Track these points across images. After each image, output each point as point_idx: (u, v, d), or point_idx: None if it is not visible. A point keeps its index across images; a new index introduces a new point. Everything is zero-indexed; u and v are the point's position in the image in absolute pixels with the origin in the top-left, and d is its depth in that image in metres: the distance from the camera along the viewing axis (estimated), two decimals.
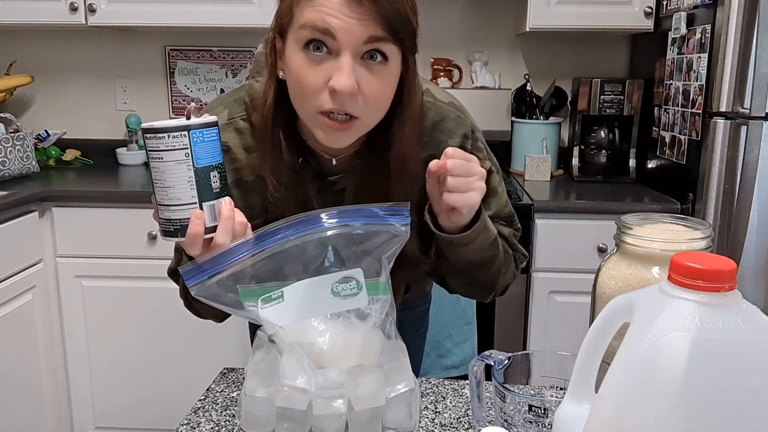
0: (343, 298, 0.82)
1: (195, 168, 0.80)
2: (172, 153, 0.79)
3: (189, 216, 0.81)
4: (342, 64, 0.81)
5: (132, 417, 2.27)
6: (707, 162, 1.87)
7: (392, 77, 0.87)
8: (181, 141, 0.79)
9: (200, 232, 0.81)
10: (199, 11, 2.29)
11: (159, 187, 0.81)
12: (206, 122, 0.81)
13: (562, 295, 2.09)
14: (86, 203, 2.13)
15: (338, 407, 0.78)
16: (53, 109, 2.77)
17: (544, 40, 2.60)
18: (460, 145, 0.99)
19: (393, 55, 0.85)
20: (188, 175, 0.80)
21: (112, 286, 2.18)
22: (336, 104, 0.83)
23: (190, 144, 0.79)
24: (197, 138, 0.80)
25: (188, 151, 0.79)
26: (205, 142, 0.80)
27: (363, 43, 0.81)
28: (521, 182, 2.35)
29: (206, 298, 0.80)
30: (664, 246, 0.78)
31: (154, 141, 0.79)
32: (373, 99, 0.85)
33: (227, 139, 0.97)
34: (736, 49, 1.78)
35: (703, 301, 0.49)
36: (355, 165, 0.97)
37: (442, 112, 1.00)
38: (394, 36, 0.82)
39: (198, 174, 0.80)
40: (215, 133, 0.82)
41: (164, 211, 0.82)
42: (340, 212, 0.83)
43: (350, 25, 0.80)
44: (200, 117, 0.82)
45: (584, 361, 0.60)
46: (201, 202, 0.81)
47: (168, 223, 0.82)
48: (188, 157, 0.79)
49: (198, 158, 0.80)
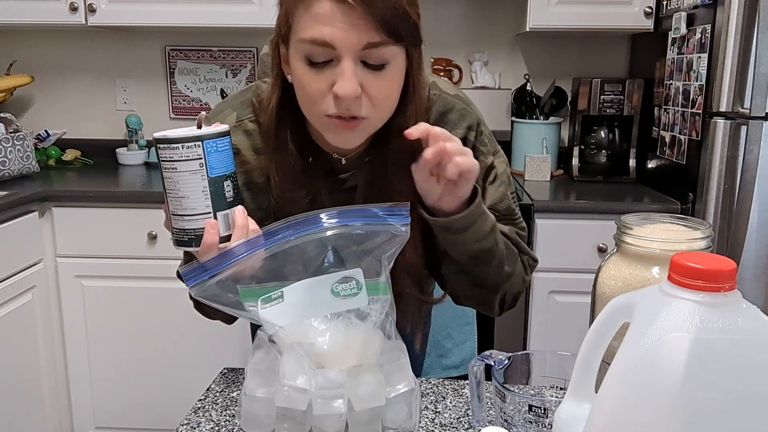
0: (343, 298, 0.82)
1: (209, 178, 0.80)
2: (186, 163, 0.79)
3: (203, 226, 0.81)
4: (343, 70, 0.81)
5: (132, 417, 2.27)
6: (707, 162, 1.87)
7: (397, 75, 0.87)
8: (194, 152, 0.79)
9: (215, 242, 0.81)
10: (199, 11, 2.29)
11: (172, 197, 0.81)
12: (219, 132, 0.81)
13: (562, 295, 2.09)
14: (86, 203, 2.13)
15: (338, 407, 0.78)
16: (53, 109, 2.77)
17: (544, 40, 2.60)
18: (464, 136, 0.99)
19: (395, 55, 0.84)
20: (202, 185, 0.80)
21: (112, 286, 2.18)
22: (341, 109, 0.83)
23: (204, 154, 0.79)
24: (211, 148, 0.80)
25: (202, 161, 0.79)
26: (219, 152, 0.81)
27: (361, 49, 0.81)
28: (521, 182, 2.35)
29: (206, 298, 0.80)
30: (664, 246, 0.78)
31: (167, 151, 0.79)
32: (379, 99, 0.85)
33: (236, 142, 0.96)
34: (736, 49, 1.78)
35: (703, 301, 0.49)
36: (365, 162, 0.97)
37: (448, 104, 1.00)
38: (393, 36, 0.82)
39: (212, 184, 0.80)
40: (227, 143, 0.82)
41: (178, 221, 0.82)
42: (340, 212, 0.83)
43: (346, 33, 0.80)
44: (211, 126, 0.82)
45: (584, 361, 0.60)
46: (215, 211, 0.81)
47: (182, 233, 0.82)
48: (202, 167, 0.80)
49: (212, 168, 0.80)
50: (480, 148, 1.01)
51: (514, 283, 1.03)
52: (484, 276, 1.00)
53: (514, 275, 1.02)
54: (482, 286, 1.02)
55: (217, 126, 0.83)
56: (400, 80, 0.88)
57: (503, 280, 1.01)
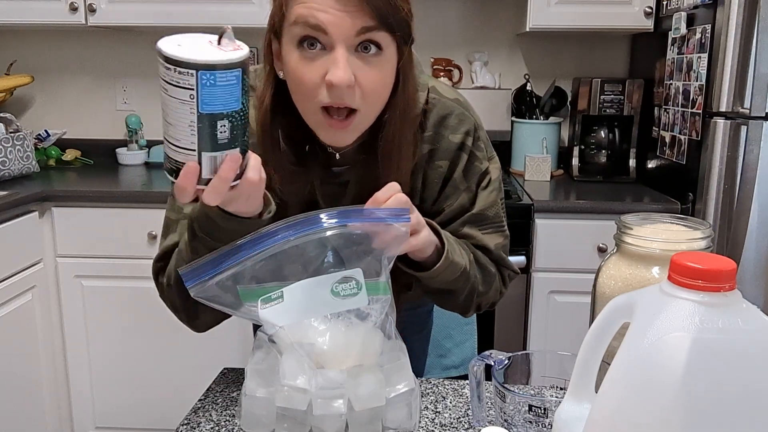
0: (342, 298, 0.81)
1: (198, 113, 0.69)
2: (176, 90, 0.69)
3: (185, 161, 0.72)
4: (337, 58, 0.81)
5: (132, 417, 2.27)
6: (707, 162, 1.87)
7: (388, 67, 0.87)
8: (186, 80, 0.68)
9: (186, 188, 0.73)
10: (199, 11, 2.29)
11: (163, 117, 0.72)
12: (226, 62, 0.69)
13: (562, 295, 2.09)
14: (86, 203, 2.13)
15: (338, 407, 0.78)
16: (53, 109, 2.77)
17: (544, 40, 2.60)
18: (461, 141, 1.00)
19: (387, 44, 0.85)
20: (190, 119, 0.70)
21: (112, 286, 2.18)
22: (334, 98, 0.83)
23: (198, 86, 0.68)
24: (206, 80, 0.68)
25: (193, 93, 0.68)
26: (217, 86, 0.69)
27: (355, 35, 0.81)
28: (521, 182, 2.35)
29: (206, 299, 0.79)
30: (664, 246, 0.78)
31: (162, 68, 0.69)
32: (371, 90, 0.85)
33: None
34: (736, 49, 1.78)
35: (703, 301, 0.49)
36: (359, 159, 0.97)
37: (447, 108, 1.00)
38: (385, 24, 0.82)
39: (201, 120, 0.70)
40: (235, 76, 0.70)
41: (166, 145, 0.73)
42: (340, 212, 0.83)
43: (340, 19, 0.80)
44: (229, 48, 0.71)
45: (584, 361, 0.60)
46: (201, 151, 0.71)
47: (168, 160, 0.74)
48: (193, 99, 0.69)
49: (204, 104, 0.69)
50: (476, 153, 1.02)
51: (489, 296, 1.05)
52: (454, 299, 1.02)
53: (489, 292, 1.05)
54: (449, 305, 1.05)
55: (236, 50, 0.71)
56: (391, 73, 0.88)
57: (471, 303, 1.03)
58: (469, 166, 1.01)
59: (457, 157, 1.00)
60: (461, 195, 1.02)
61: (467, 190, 1.02)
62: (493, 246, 1.04)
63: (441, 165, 1.00)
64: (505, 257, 1.07)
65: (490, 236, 1.04)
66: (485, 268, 1.03)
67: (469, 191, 1.02)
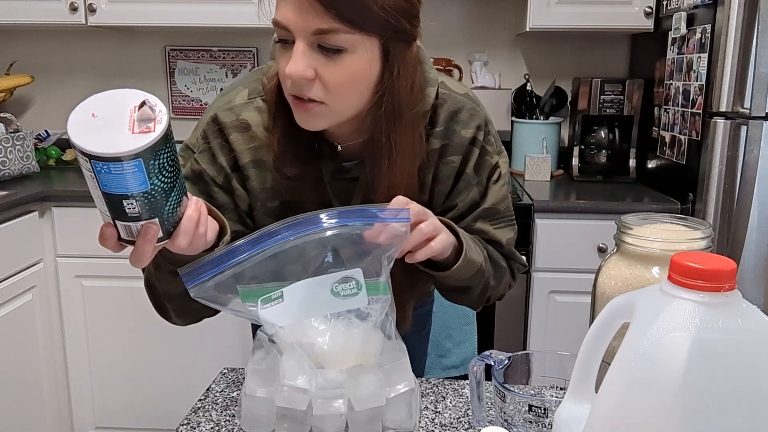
0: (342, 298, 0.82)
1: (101, 191, 0.69)
2: (82, 166, 0.69)
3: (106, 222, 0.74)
4: (294, 51, 0.84)
5: (132, 417, 2.27)
6: (707, 162, 1.87)
7: (357, 64, 0.85)
8: (85, 163, 0.67)
9: (108, 248, 0.76)
10: (199, 11, 2.29)
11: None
12: (116, 155, 0.65)
13: (562, 295, 2.09)
14: (86, 203, 2.13)
15: (338, 407, 0.78)
16: (53, 109, 2.77)
17: (544, 40, 2.60)
18: (473, 136, 1.00)
19: (355, 43, 0.83)
20: (97, 192, 0.70)
21: (112, 286, 2.18)
22: (293, 89, 0.86)
23: (93, 171, 0.67)
24: (100, 169, 0.66)
25: (92, 176, 0.68)
26: (113, 174, 0.67)
27: (312, 34, 0.83)
28: (521, 182, 2.35)
29: (206, 299, 0.80)
30: (664, 246, 0.78)
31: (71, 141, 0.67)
32: (334, 86, 0.85)
33: (248, 117, 0.98)
34: (736, 49, 1.78)
35: (703, 301, 0.49)
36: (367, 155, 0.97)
37: (458, 103, 1.00)
38: (348, 24, 0.81)
39: (106, 197, 0.70)
40: (134, 166, 0.67)
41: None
42: (339, 213, 0.83)
43: (299, 16, 0.82)
44: (142, 128, 0.68)
45: (584, 361, 0.60)
46: (114, 219, 0.72)
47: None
48: (93, 179, 0.68)
49: (104, 186, 0.68)
50: (487, 147, 1.02)
51: (499, 290, 1.08)
52: (469, 295, 1.04)
53: (499, 286, 1.07)
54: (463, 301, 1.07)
55: (143, 134, 0.67)
56: (363, 70, 0.86)
57: (485, 297, 1.06)
58: (480, 161, 1.02)
59: (469, 152, 1.01)
60: (473, 189, 1.02)
61: (478, 184, 1.02)
62: (505, 241, 1.06)
63: (453, 160, 1.00)
64: (515, 251, 1.09)
65: (502, 231, 1.05)
66: (497, 263, 1.05)
67: (480, 185, 1.03)
